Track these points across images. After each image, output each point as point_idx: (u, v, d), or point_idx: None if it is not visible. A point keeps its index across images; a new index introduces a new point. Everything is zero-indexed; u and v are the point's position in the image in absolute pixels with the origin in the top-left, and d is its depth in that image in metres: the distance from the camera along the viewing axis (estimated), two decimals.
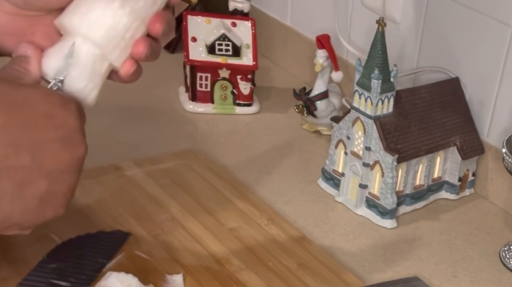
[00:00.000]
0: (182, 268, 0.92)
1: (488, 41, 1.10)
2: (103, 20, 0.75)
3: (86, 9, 0.75)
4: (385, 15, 1.17)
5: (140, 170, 1.10)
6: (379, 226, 1.06)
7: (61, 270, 0.88)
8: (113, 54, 0.76)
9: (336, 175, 1.11)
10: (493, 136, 1.12)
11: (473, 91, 1.14)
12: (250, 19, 1.32)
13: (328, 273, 0.94)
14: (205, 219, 1.01)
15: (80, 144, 0.71)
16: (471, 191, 1.15)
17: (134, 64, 0.77)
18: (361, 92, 1.05)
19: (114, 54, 0.76)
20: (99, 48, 0.75)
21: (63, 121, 0.70)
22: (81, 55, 0.75)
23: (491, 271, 1.00)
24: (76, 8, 0.75)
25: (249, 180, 1.13)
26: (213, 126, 1.28)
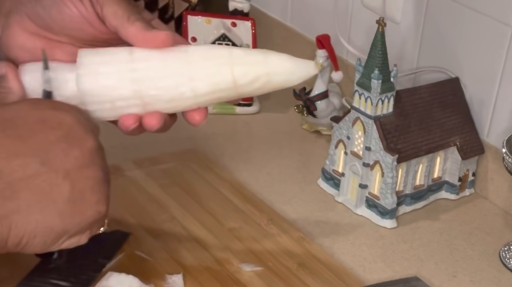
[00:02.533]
0: (182, 268, 0.92)
1: (488, 41, 1.10)
2: (104, 77, 0.75)
3: (103, 59, 0.75)
4: (385, 15, 1.17)
5: (140, 170, 1.10)
6: (379, 226, 1.06)
7: (61, 270, 0.88)
8: (92, 107, 0.75)
9: (336, 175, 1.11)
10: (493, 136, 1.12)
11: (473, 91, 1.14)
12: (250, 19, 1.32)
13: (328, 273, 0.94)
14: (205, 219, 1.01)
15: (84, 136, 0.71)
16: (471, 191, 1.15)
17: (135, 123, 0.77)
18: (361, 92, 1.05)
19: (94, 107, 0.75)
20: (81, 94, 0.74)
21: (58, 121, 0.70)
22: (63, 87, 0.75)
23: (491, 271, 1.00)
24: (99, 52, 0.76)
25: (249, 180, 1.13)
26: (213, 126, 1.28)
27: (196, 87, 0.75)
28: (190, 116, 0.78)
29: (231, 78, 0.75)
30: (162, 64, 0.75)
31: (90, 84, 0.74)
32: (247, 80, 0.76)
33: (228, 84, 0.76)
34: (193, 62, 0.75)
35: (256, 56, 0.76)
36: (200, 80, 0.75)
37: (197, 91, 0.76)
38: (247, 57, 0.76)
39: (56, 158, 0.68)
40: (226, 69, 0.75)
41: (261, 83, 0.77)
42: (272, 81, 0.77)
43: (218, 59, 0.75)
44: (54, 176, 0.68)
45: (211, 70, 0.75)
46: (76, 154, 0.70)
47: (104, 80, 0.74)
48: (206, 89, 0.76)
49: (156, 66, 0.75)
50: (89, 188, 0.70)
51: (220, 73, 0.75)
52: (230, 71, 0.75)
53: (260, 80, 0.76)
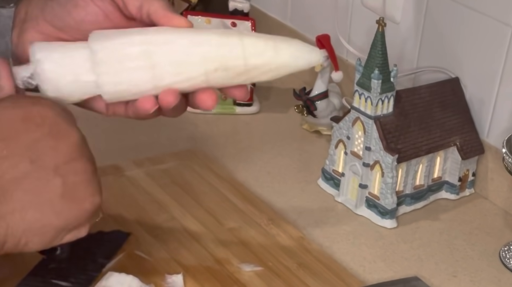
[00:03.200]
0: (182, 268, 0.92)
1: (488, 41, 1.10)
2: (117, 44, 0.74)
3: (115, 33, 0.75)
4: (385, 15, 1.17)
5: (140, 170, 1.10)
6: (379, 226, 1.06)
7: (61, 270, 0.88)
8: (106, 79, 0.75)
9: (336, 175, 1.11)
10: (493, 136, 1.12)
11: (473, 91, 1.14)
12: (250, 19, 1.32)
13: (328, 273, 0.94)
14: (205, 219, 1.01)
15: (69, 130, 0.70)
16: (471, 191, 1.15)
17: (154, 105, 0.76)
18: (361, 92, 1.05)
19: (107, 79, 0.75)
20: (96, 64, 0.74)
21: (42, 117, 0.69)
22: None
23: (491, 271, 1.00)
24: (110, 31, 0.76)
25: (249, 180, 1.13)
26: (213, 126, 1.28)
27: (208, 66, 0.75)
28: (200, 100, 0.77)
29: (243, 67, 0.76)
30: (175, 39, 0.75)
31: (104, 54, 0.74)
32: (257, 68, 0.77)
33: (239, 68, 0.77)
34: (205, 45, 0.75)
35: (267, 50, 0.77)
36: (212, 61, 0.75)
37: (208, 68, 0.75)
38: (257, 49, 0.77)
39: (44, 155, 0.68)
40: (239, 61, 0.76)
41: (270, 70, 0.79)
42: (281, 72, 0.79)
43: (229, 48, 0.76)
44: (45, 173, 0.68)
45: (223, 59, 0.76)
46: (63, 149, 0.69)
47: (116, 46, 0.74)
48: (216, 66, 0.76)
49: (169, 40, 0.75)
50: (81, 181, 0.70)
51: (233, 65, 0.76)
52: (243, 63, 0.76)
53: (269, 70, 0.78)
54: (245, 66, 0.76)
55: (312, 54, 0.79)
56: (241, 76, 0.77)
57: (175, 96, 0.75)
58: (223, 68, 0.76)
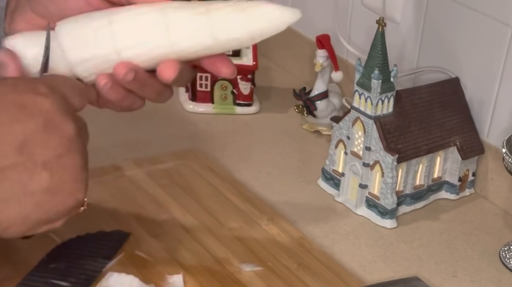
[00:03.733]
0: (182, 268, 0.92)
1: (488, 41, 1.10)
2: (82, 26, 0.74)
3: (81, 17, 0.75)
4: (385, 15, 1.17)
5: (140, 170, 1.10)
6: (379, 226, 1.06)
7: (61, 270, 0.88)
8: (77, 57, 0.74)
9: (336, 175, 1.11)
10: (493, 136, 1.12)
11: (473, 91, 1.14)
12: None
13: (328, 273, 0.94)
14: (205, 219, 1.01)
15: (63, 122, 0.69)
16: (471, 191, 1.15)
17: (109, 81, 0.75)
18: (361, 92, 1.05)
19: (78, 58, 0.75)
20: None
21: (38, 107, 0.68)
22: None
23: (491, 271, 1.00)
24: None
25: (249, 180, 1.13)
26: (213, 126, 1.28)
27: (174, 41, 0.75)
28: (158, 70, 0.75)
29: (211, 40, 0.75)
30: (140, 17, 0.74)
31: (67, 32, 0.74)
32: (227, 40, 0.75)
33: (211, 48, 0.75)
34: (172, 22, 0.74)
35: (236, 19, 0.75)
36: (180, 37, 0.74)
37: (174, 44, 0.75)
38: (227, 24, 0.75)
39: (35, 148, 0.67)
40: (206, 32, 0.74)
41: (243, 42, 0.76)
42: (255, 39, 0.76)
43: (195, 19, 0.74)
44: (32, 166, 0.67)
45: (190, 33, 0.74)
46: (55, 143, 0.68)
47: (81, 26, 0.74)
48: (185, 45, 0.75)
49: (132, 13, 0.74)
50: (68, 177, 0.69)
51: (200, 37, 0.75)
52: (210, 34, 0.74)
53: (241, 40, 0.76)
54: (213, 41, 0.75)
55: (283, 16, 0.78)
56: (212, 49, 0.75)
57: (128, 68, 0.74)
58: (186, 41, 0.74)
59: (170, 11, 0.74)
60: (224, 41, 0.75)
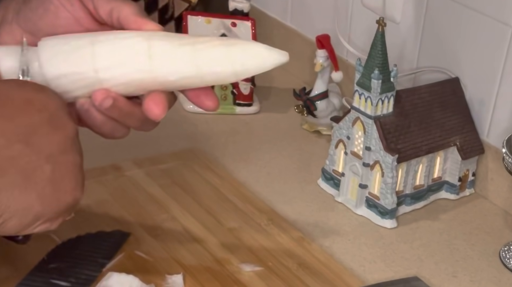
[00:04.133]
0: (182, 268, 0.92)
1: (488, 41, 1.10)
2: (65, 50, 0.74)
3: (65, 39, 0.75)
4: (385, 15, 1.17)
5: (140, 170, 1.10)
6: (379, 226, 1.06)
7: (61, 270, 0.88)
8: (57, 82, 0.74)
9: (336, 175, 1.11)
10: (493, 136, 1.12)
11: (473, 91, 1.14)
12: (250, 19, 1.32)
13: (328, 273, 0.94)
14: (205, 219, 1.01)
15: (67, 122, 0.70)
16: (471, 191, 1.15)
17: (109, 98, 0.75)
18: (361, 92, 1.05)
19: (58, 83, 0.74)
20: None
21: (44, 104, 0.69)
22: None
23: (491, 271, 1.00)
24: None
25: (249, 180, 1.13)
26: (213, 126, 1.28)
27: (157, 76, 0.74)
28: (148, 107, 0.75)
29: (194, 71, 0.74)
30: (122, 47, 0.74)
31: (48, 47, 0.74)
32: (209, 73, 0.74)
33: (193, 79, 0.74)
34: (155, 49, 0.74)
35: (220, 53, 0.74)
36: (164, 75, 0.74)
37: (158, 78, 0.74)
38: (211, 56, 0.73)
39: (40, 141, 0.68)
40: (189, 63, 0.74)
41: (226, 76, 0.75)
42: (239, 75, 0.75)
43: (179, 50, 0.73)
44: (36, 158, 0.68)
45: (171, 61, 0.74)
46: (59, 139, 0.69)
47: (63, 43, 0.74)
48: (172, 80, 0.74)
49: (117, 47, 0.74)
50: (68, 173, 0.70)
51: (185, 72, 0.74)
52: (194, 65, 0.73)
53: (224, 74, 0.75)
54: (195, 71, 0.74)
55: (271, 58, 0.75)
56: (193, 80, 0.75)
57: (106, 94, 0.74)
58: (166, 67, 0.74)
59: (155, 38, 0.73)
60: (206, 73, 0.74)
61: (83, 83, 0.74)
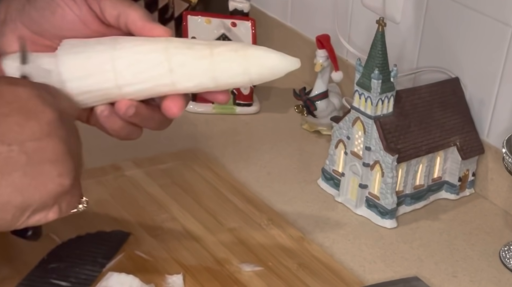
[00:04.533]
0: (182, 268, 0.92)
1: (488, 41, 1.10)
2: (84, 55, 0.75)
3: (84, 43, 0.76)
4: (385, 15, 1.17)
5: (140, 170, 1.10)
6: (379, 226, 1.06)
7: (61, 270, 0.88)
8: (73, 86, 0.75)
9: (336, 175, 1.11)
10: (493, 136, 1.12)
11: (473, 91, 1.14)
12: (250, 19, 1.32)
13: (328, 273, 0.94)
14: (205, 219, 1.01)
15: (41, 109, 0.69)
16: (471, 191, 1.15)
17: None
18: (361, 92, 1.05)
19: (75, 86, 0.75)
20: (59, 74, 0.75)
21: (14, 95, 0.68)
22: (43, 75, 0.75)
23: (491, 271, 1.00)
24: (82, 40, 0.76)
25: (249, 180, 1.13)
26: (213, 126, 1.28)
27: (175, 78, 0.76)
28: (166, 107, 0.77)
29: (212, 83, 0.77)
30: (144, 50, 0.75)
31: (69, 63, 0.75)
32: (226, 84, 0.77)
33: (210, 87, 0.77)
34: (175, 64, 0.75)
35: (238, 66, 0.76)
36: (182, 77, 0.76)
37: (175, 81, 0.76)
38: (228, 69, 0.76)
39: (9, 131, 0.67)
40: (207, 76, 0.76)
41: (241, 85, 0.79)
42: (254, 82, 0.79)
43: (199, 63, 0.76)
44: (7, 149, 0.67)
45: (192, 76, 0.76)
46: (32, 126, 0.68)
47: (83, 59, 0.74)
48: (187, 83, 0.76)
49: (138, 50, 0.75)
50: (48, 160, 0.68)
51: (201, 79, 0.76)
52: (212, 77, 0.76)
53: (240, 84, 0.78)
54: (214, 83, 0.77)
55: (283, 64, 0.80)
56: (210, 89, 0.78)
57: (129, 104, 0.76)
58: (187, 81, 0.76)
59: (174, 53, 0.75)
60: (223, 84, 0.77)
61: (106, 97, 0.76)
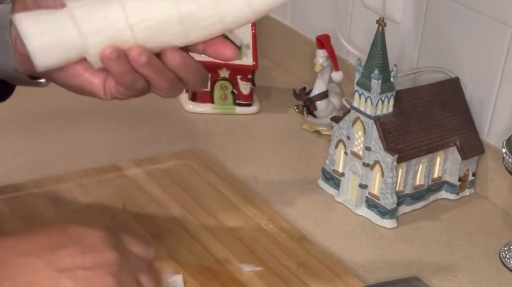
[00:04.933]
0: (182, 268, 0.92)
1: (488, 41, 1.10)
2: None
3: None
4: (385, 15, 1.17)
5: (140, 170, 1.10)
6: (379, 226, 1.06)
7: None
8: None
9: (336, 175, 1.11)
10: (493, 136, 1.12)
11: (473, 91, 1.14)
12: None
13: (328, 273, 0.94)
14: (205, 219, 1.01)
15: (102, 249, 0.67)
16: (471, 191, 1.15)
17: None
18: (361, 92, 1.05)
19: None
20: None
21: (81, 235, 0.68)
22: None
23: (491, 271, 1.00)
24: None
25: (249, 180, 1.13)
26: (213, 126, 1.28)
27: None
28: (221, 51, 0.81)
29: (218, 19, 0.80)
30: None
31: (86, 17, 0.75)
32: (231, 16, 0.81)
33: (214, 18, 0.80)
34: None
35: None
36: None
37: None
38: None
39: (62, 260, 0.66)
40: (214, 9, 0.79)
41: (244, 14, 0.82)
42: (254, 9, 0.82)
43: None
44: (57, 275, 0.65)
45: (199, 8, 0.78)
46: (84, 257, 0.66)
47: (96, 10, 0.74)
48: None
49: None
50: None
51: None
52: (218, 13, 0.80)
53: (243, 13, 0.82)
54: (218, 16, 0.79)
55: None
56: (215, 26, 0.80)
57: (141, 49, 0.74)
58: (196, 16, 0.77)
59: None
60: (230, 21, 0.81)
61: (118, 40, 0.74)
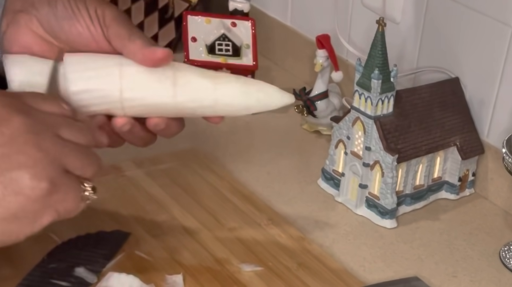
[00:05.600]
0: (182, 268, 0.92)
1: (488, 41, 1.10)
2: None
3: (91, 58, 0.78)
4: (385, 15, 1.17)
5: (140, 170, 1.10)
6: (379, 226, 1.06)
7: (61, 270, 0.88)
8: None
9: (336, 175, 1.11)
10: (493, 136, 1.12)
11: (473, 91, 1.14)
12: (250, 19, 1.32)
13: (328, 273, 0.94)
14: (205, 219, 1.01)
15: (7, 117, 0.67)
16: (471, 191, 1.15)
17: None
18: (361, 92, 1.05)
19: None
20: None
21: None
22: None
23: (491, 271, 1.00)
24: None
25: (249, 180, 1.13)
26: (213, 126, 1.27)
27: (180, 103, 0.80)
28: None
29: (213, 107, 0.82)
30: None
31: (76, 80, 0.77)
32: (224, 107, 0.83)
33: (208, 108, 0.83)
34: (180, 77, 0.80)
35: (238, 92, 0.82)
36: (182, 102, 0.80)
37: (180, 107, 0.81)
38: (229, 90, 0.82)
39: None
40: (210, 99, 0.81)
41: (239, 111, 0.84)
42: (250, 111, 0.85)
43: (203, 90, 0.81)
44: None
45: (196, 97, 0.81)
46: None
47: (92, 70, 0.78)
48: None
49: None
50: (16, 166, 0.66)
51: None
52: (214, 102, 0.82)
53: (238, 110, 0.83)
54: (213, 107, 0.82)
55: (279, 99, 0.85)
56: (208, 110, 0.82)
57: (126, 120, 0.80)
58: (189, 98, 0.81)
59: (181, 68, 0.80)
60: (222, 105, 0.82)
61: (105, 100, 0.78)
